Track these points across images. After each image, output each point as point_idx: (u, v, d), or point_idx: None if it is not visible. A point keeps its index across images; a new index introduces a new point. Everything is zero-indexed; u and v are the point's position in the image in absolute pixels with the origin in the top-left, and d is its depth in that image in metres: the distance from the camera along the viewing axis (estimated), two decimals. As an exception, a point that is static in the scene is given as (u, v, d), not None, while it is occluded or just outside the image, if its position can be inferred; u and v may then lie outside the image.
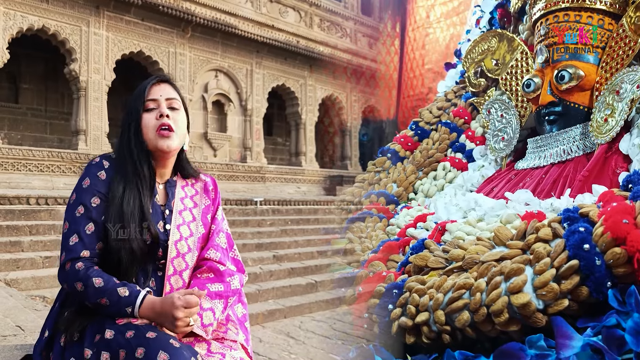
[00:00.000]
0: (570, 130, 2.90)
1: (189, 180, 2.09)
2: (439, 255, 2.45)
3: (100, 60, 12.94)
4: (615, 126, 2.62)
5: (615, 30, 2.83)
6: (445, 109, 3.99)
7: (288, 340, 5.81)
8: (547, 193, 2.77)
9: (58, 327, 1.79)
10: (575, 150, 2.85)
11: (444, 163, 3.64)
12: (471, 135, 3.67)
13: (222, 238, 2.03)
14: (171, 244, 1.90)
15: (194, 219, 2.01)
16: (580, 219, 2.07)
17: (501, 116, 3.38)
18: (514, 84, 3.37)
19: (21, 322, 3.79)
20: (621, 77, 2.66)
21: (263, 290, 7.32)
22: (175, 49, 14.59)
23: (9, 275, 6.05)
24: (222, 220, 2.10)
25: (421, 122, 4.03)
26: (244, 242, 9.00)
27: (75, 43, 12.57)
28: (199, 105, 15.42)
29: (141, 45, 13.85)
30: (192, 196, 2.06)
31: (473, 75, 3.76)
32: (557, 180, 2.81)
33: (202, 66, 15.34)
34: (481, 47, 3.65)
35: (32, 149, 11.66)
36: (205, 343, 1.79)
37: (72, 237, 1.80)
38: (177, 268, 1.90)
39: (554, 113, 2.95)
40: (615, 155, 2.60)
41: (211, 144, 15.81)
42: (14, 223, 7.52)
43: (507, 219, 2.56)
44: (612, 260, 1.85)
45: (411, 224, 3.11)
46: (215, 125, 16.04)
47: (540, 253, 2.04)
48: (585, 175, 2.62)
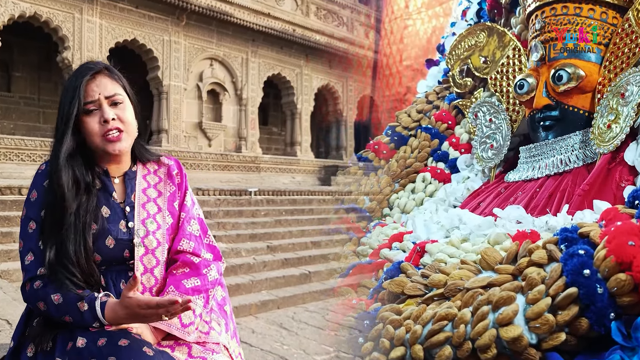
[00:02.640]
0: (568, 138, 2.90)
1: (151, 166, 2.19)
2: (417, 281, 2.42)
3: (93, 49, 14.24)
4: (620, 133, 2.62)
5: (620, 25, 2.84)
6: (426, 112, 3.99)
7: (281, 331, 6.38)
8: (541, 209, 2.76)
9: (26, 338, 1.91)
10: (574, 160, 2.85)
11: (424, 174, 3.62)
12: (455, 142, 3.67)
13: (194, 225, 2.14)
14: (137, 241, 2.00)
15: (160, 209, 2.11)
16: (580, 240, 2.06)
17: (490, 121, 3.37)
18: (504, 85, 3.38)
19: (9, 316, 4.08)
20: (627, 78, 2.66)
21: (256, 281, 8.12)
22: (170, 37, 16.12)
23: (0, 267, 6.72)
24: (193, 206, 2.19)
25: (398, 127, 4.02)
26: (238, 233, 10.07)
27: (68, 31, 13.83)
28: (194, 94, 17.23)
29: (135, 33, 15.26)
30: (156, 185, 2.16)
31: (458, 73, 3.76)
32: (553, 194, 2.80)
33: (197, 55, 16.99)
34: (468, 42, 3.66)
35: (25, 139, 12.75)
36: (185, 347, 1.90)
37: (27, 256, 1.90)
38: (147, 265, 2.00)
39: (550, 118, 2.94)
40: (620, 167, 2.60)
41: (206, 133, 17.56)
42: (5, 214, 8.27)
43: (495, 239, 2.55)
44: (616, 288, 1.82)
45: (385, 244, 3.09)
46: (210, 115, 17.90)
47: (533, 279, 2.01)
48: (585, 189, 2.62)
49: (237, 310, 7.03)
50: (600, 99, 2.79)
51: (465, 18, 4.23)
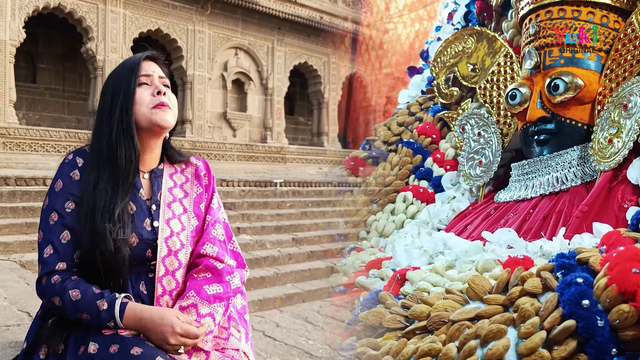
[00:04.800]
0: (565, 154, 2.91)
1: (178, 166, 2.31)
2: (397, 312, 2.41)
3: (117, 39, 15.62)
4: (622, 149, 2.63)
5: (622, 29, 2.87)
6: (408, 125, 4.00)
7: (306, 325, 6.75)
8: (535, 233, 2.77)
9: (39, 338, 2.01)
10: (572, 178, 2.86)
11: (405, 193, 3.62)
12: (440, 158, 3.68)
13: (219, 229, 2.25)
14: (161, 242, 2.10)
15: (185, 210, 2.22)
16: (578, 267, 2.06)
17: (478, 134, 3.38)
18: (495, 95, 3.39)
19: (31, 308, 4.18)
20: (630, 88, 2.68)
21: (281, 274, 8.65)
22: (194, 26, 17.48)
23: (25, 257, 7.20)
24: (219, 209, 2.32)
25: (377, 141, 4.03)
26: (263, 225, 10.72)
27: (92, 21, 15.18)
28: (218, 84, 18.66)
29: (159, 23, 16.65)
30: (182, 184, 2.27)
31: (444, 82, 3.78)
32: (548, 216, 2.81)
33: (221, 44, 18.38)
34: (454, 48, 3.68)
35: (50, 130, 13.91)
36: (203, 353, 1.98)
37: (47, 249, 2.00)
38: (169, 268, 2.10)
39: (545, 131, 2.96)
40: (622, 186, 2.61)
41: (230, 124, 19.01)
42: (30, 204, 8.96)
43: (484, 266, 2.54)
44: (619, 321, 1.81)
45: (362, 271, 3.08)
46: (234, 105, 19.37)
47: (526, 311, 2.00)
48: (584, 211, 2.62)
49: (261, 303, 7.52)
50: (600, 111, 2.81)
51: (452, 21, 4.26)
